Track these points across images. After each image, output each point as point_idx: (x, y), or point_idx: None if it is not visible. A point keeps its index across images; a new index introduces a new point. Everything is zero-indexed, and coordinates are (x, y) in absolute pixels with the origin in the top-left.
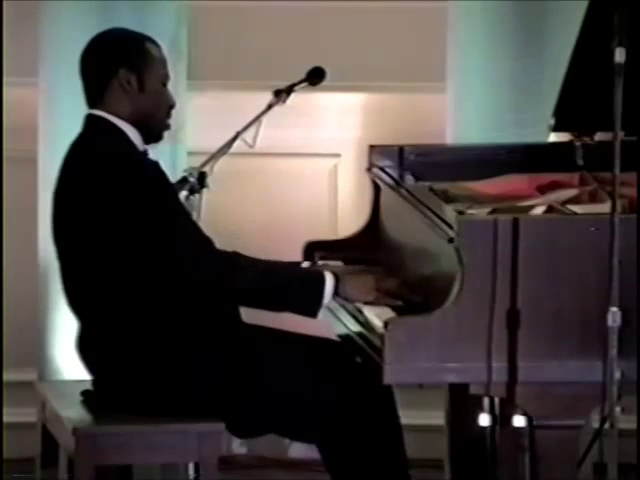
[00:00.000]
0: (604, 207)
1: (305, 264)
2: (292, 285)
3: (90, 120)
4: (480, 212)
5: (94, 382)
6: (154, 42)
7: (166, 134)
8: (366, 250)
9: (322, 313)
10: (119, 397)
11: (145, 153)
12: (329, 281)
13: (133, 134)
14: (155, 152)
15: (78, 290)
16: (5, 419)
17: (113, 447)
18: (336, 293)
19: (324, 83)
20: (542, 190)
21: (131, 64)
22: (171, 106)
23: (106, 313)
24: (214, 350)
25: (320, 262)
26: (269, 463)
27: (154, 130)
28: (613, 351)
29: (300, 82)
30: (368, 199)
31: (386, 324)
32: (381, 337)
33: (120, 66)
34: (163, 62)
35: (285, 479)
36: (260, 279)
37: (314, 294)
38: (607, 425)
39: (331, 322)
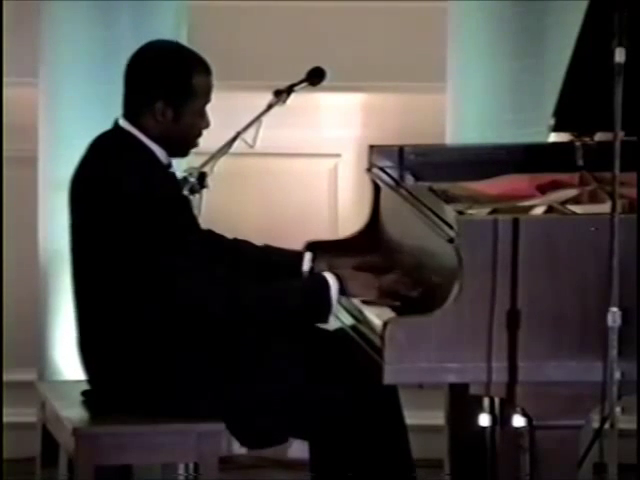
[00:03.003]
0: (604, 207)
1: (307, 256)
2: (300, 302)
3: (117, 130)
4: (480, 212)
5: (93, 382)
6: (205, 67)
7: None
8: (366, 250)
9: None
10: (119, 397)
11: (169, 165)
12: (333, 284)
13: (158, 150)
14: None
15: (84, 286)
16: (5, 419)
17: (113, 447)
18: (341, 293)
19: (324, 83)
20: (542, 190)
21: (171, 98)
22: (204, 128)
23: (108, 312)
24: (214, 350)
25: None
26: (269, 463)
27: (180, 151)
28: (613, 351)
29: (300, 82)
30: (368, 199)
31: (386, 324)
32: (381, 337)
33: (159, 99)
34: (207, 92)
35: (285, 479)
36: (268, 305)
37: (322, 302)
38: (607, 425)
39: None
